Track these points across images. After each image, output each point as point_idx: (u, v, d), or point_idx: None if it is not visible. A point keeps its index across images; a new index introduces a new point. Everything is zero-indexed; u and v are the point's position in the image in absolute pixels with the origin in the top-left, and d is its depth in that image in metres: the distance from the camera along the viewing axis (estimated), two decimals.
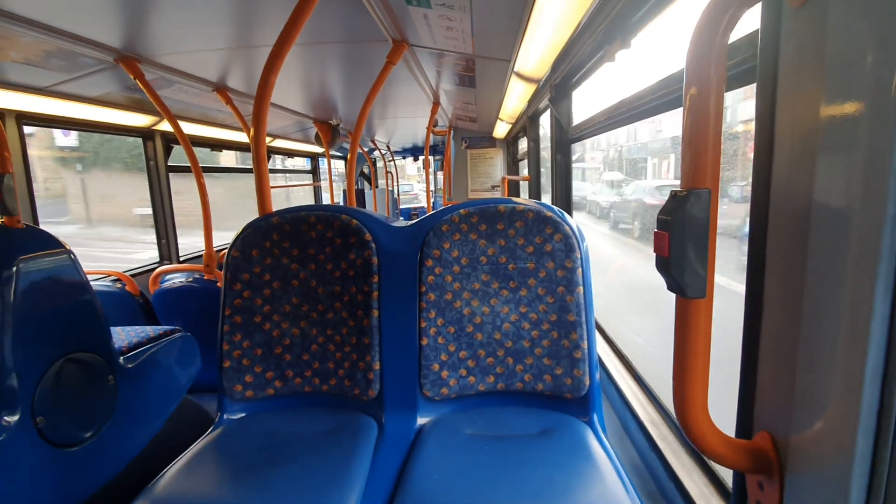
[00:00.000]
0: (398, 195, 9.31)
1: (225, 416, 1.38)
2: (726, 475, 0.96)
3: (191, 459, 1.14)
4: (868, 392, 0.44)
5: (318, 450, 1.16)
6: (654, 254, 0.57)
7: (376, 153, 8.14)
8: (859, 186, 0.44)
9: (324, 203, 6.43)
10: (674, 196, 0.54)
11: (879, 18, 0.41)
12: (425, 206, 8.11)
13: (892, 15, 0.40)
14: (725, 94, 0.55)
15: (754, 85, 0.62)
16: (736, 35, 0.75)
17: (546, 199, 3.11)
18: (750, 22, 0.62)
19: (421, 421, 1.32)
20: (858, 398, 0.44)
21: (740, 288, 0.65)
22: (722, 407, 0.68)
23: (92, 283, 1.35)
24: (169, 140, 3.22)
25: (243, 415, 1.38)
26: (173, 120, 2.38)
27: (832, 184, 0.47)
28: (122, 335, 1.49)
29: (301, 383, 1.40)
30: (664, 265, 0.55)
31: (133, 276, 2.78)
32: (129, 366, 1.39)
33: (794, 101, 0.54)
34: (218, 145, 3.94)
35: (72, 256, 1.25)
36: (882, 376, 0.43)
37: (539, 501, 0.93)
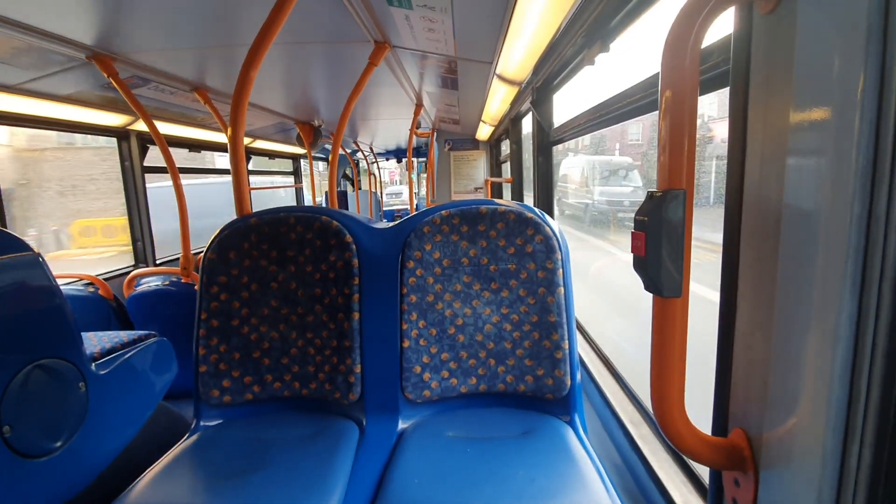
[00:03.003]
0: (381, 197, 9.25)
1: (202, 423, 1.35)
2: (704, 473, 0.98)
3: (165, 467, 1.11)
4: (837, 389, 0.45)
5: (298, 455, 1.14)
6: (632, 254, 0.58)
7: (359, 155, 8.09)
8: (827, 188, 0.45)
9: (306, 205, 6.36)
10: (650, 197, 0.55)
11: (845, 24, 0.42)
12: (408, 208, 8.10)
13: (857, 21, 0.41)
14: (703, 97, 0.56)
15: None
16: (711, 40, 0.76)
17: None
18: (724, 27, 0.64)
19: (402, 424, 1.31)
20: (827, 395, 0.45)
21: None
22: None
23: (63, 287, 1.30)
24: (145, 140, 3.15)
25: (220, 421, 1.35)
26: (149, 119, 2.32)
27: (801, 185, 0.48)
28: (94, 341, 1.44)
29: (280, 388, 1.37)
30: (641, 265, 0.56)
31: (106, 279, 2.70)
32: (102, 372, 1.34)
33: (764, 105, 0.55)
34: (196, 146, 3.86)
35: (39, 259, 1.20)
36: (850, 373, 0.44)
37: (520, 502, 0.93)
